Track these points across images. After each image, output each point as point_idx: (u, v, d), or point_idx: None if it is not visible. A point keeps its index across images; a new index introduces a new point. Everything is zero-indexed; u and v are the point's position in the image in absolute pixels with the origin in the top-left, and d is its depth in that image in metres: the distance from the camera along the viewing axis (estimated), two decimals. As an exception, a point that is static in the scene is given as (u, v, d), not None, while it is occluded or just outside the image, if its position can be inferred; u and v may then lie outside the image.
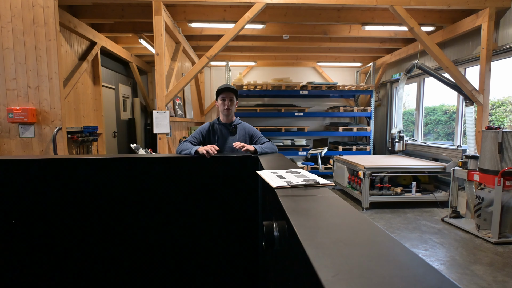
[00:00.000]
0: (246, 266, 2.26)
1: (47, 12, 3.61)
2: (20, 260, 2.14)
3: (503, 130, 3.59)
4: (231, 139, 2.53)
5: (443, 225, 4.28)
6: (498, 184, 3.55)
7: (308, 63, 8.46)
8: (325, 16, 4.94)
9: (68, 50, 4.68)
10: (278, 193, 1.10)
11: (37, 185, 2.12)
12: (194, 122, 7.50)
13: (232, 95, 2.51)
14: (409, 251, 0.60)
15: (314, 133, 8.06)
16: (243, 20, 4.24)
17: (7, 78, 3.63)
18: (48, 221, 2.13)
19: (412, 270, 0.53)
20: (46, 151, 3.72)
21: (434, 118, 6.48)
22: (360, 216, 0.83)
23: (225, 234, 2.25)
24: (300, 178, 1.35)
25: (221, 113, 2.57)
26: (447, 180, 5.26)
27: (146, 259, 2.22)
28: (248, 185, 2.20)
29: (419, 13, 4.89)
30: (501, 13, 4.43)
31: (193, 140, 2.48)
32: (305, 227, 0.74)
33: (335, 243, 0.64)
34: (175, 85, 4.44)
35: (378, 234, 0.70)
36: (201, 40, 6.36)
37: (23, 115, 3.59)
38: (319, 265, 0.53)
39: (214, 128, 2.57)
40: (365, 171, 4.95)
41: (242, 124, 2.62)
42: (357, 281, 0.48)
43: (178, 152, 2.35)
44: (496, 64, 4.64)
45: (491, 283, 2.77)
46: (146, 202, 2.20)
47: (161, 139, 4.32)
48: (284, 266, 1.06)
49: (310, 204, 0.99)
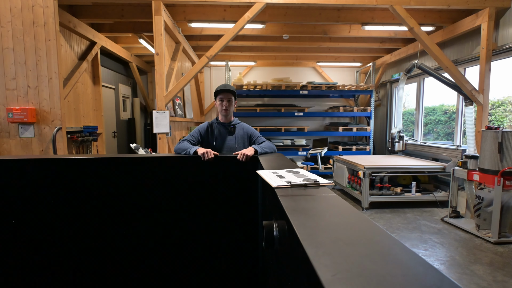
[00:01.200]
0: (246, 266, 2.26)
1: (47, 12, 3.61)
2: (20, 260, 2.14)
3: (503, 130, 3.59)
4: (229, 139, 2.55)
5: (443, 225, 4.28)
6: (498, 184, 3.55)
7: (308, 63, 8.46)
8: (325, 16, 4.94)
9: (68, 50, 4.68)
10: (278, 193, 1.10)
11: (37, 185, 2.12)
12: (194, 122, 7.49)
13: (230, 96, 2.53)
14: (409, 251, 0.60)
15: (314, 133, 8.06)
16: (243, 20, 4.24)
17: (6, 78, 3.63)
18: (48, 221, 2.13)
19: (412, 269, 0.53)
20: (46, 151, 3.72)
21: (434, 118, 6.48)
22: (360, 216, 0.83)
23: (225, 233, 2.25)
24: (300, 178, 1.35)
25: (219, 113, 2.59)
26: (447, 180, 5.26)
27: (146, 258, 2.22)
28: (248, 185, 2.20)
29: (419, 13, 4.89)
30: (501, 13, 4.43)
31: (192, 139, 2.49)
32: (305, 227, 0.74)
33: (335, 243, 0.64)
34: (175, 85, 4.44)
35: (378, 233, 0.70)
36: (200, 40, 6.36)
37: (23, 115, 3.59)
38: (318, 264, 0.53)
39: (212, 127, 2.59)
40: (365, 171, 4.95)
41: (241, 124, 2.64)
42: (356, 280, 0.48)
43: (176, 151, 2.35)
44: (496, 64, 4.64)
45: (491, 283, 2.77)
46: (146, 201, 2.20)
47: (161, 139, 4.32)
48: (284, 266, 1.06)
49: (310, 203, 0.99)
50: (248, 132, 2.59)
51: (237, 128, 2.59)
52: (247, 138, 2.57)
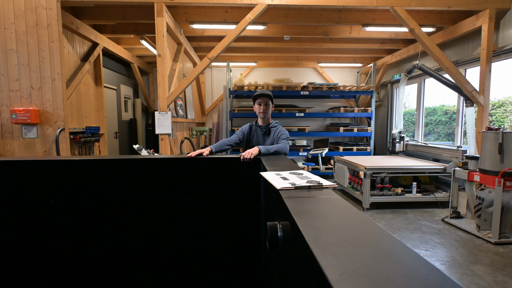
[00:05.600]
0: (249, 267, 2.28)
1: (50, 14, 3.64)
2: (21, 259, 2.16)
3: (503, 131, 3.61)
4: (266, 139, 2.75)
5: (444, 225, 4.30)
6: (498, 185, 3.57)
7: (308, 63, 8.48)
8: (326, 17, 4.96)
9: (71, 51, 4.71)
10: (282, 195, 1.12)
11: (40, 186, 2.14)
12: (196, 123, 7.52)
13: (268, 100, 2.71)
14: (411, 251, 0.62)
15: (314, 134, 8.07)
16: (244, 21, 4.26)
17: (10, 79, 3.66)
18: (51, 222, 2.15)
19: (415, 269, 0.55)
20: (49, 151, 3.74)
21: (435, 118, 6.49)
22: (363, 217, 0.85)
23: (227, 234, 2.27)
24: (303, 180, 1.37)
25: (258, 116, 2.78)
26: (447, 181, 5.28)
27: (149, 259, 2.24)
28: (251, 186, 2.22)
29: (419, 14, 4.91)
30: (501, 14, 4.44)
31: (239, 137, 2.77)
32: (310, 228, 0.76)
33: (340, 243, 0.66)
34: (177, 86, 4.46)
35: (381, 234, 0.72)
36: (202, 41, 6.38)
37: (26, 116, 3.61)
38: (326, 264, 0.55)
39: (252, 129, 2.84)
40: (366, 171, 4.97)
41: (277, 127, 2.77)
42: (362, 280, 0.50)
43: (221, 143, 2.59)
44: (496, 65, 4.66)
45: (491, 283, 2.78)
46: (149, 202, 2.22)
47: (163, 140, 4.34)
48: (288, 266, 1.08)
49: (314, 205, 1.02)
50: (278, 134, 2.72)
51: (272, 131, 2.75)
52: (276, 140, 2.71)
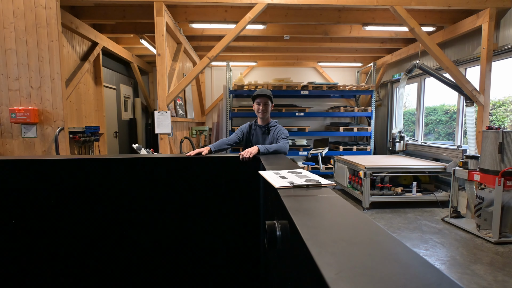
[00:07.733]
0: (248, 265, 2.27)
1: (49, 13, 3.63)
2: (20, 259, 2.16)
3: (504, 130, 3.60)
4: (265, 139, 2.75)
5: (444, 225, 4.29)
6: (499, 184, 3.56)
7: (308, 63, 8.47)
8: (326, 17, 4.95)
9: (70, 51, 4.70)
10: (280, 193, 1.11)
11: (40, 186, 2.14)
12: (195, 122, 7.51)
13: (267, 100, 2.70)
14: (410, 250, 0.61)
15: (314, 133, 8.07)
16: (244, 20, 4.25)
17: (9, 79, 3.65)
18: (50, 221, 2.15)
19: (413, 268, 0.54)
20: (48, 151, 3.74)
21: (435, 118, 6.48)
22: (362, 216, 0.85)
23: (226, 233, 2.26)
24: (302, 179, 1.36)
25: (257, 116, 2.77)
26: (447, 180, 5.27)
27: (148, 258, 2.24)
28: (250, 185, 2.22)
29: (419, 13, 4.90)
30: (502, 13, 4.43)
31: (238, 137, 2.77)
32: (308, 227, 0.75)
33: (338, 242, 0.66)
34: (177, 86, 4.45)
35: (379, 233, 0.72)
36: (202, 40, 6.37)
37: (26, 116, 3.61)
38: (322, 263, 0.55)
39: (251, 128, 2.84)
40: (366, 171, 4.96)
41: (277, 126, 2.77)
42: (359, 279, 0.50)
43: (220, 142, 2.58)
44: (497, 64, 4.65)
45: (492, 282, 2.78)
46: (148, 202, 2.22)
47: (162, 139, 4.33)
48: (286, 265, 1.07)
49: (312, 204, 1.01)
50: (278, 133, 2.71)
51: (271, 130, 2.74)
52: (275, 139, 2.70)
